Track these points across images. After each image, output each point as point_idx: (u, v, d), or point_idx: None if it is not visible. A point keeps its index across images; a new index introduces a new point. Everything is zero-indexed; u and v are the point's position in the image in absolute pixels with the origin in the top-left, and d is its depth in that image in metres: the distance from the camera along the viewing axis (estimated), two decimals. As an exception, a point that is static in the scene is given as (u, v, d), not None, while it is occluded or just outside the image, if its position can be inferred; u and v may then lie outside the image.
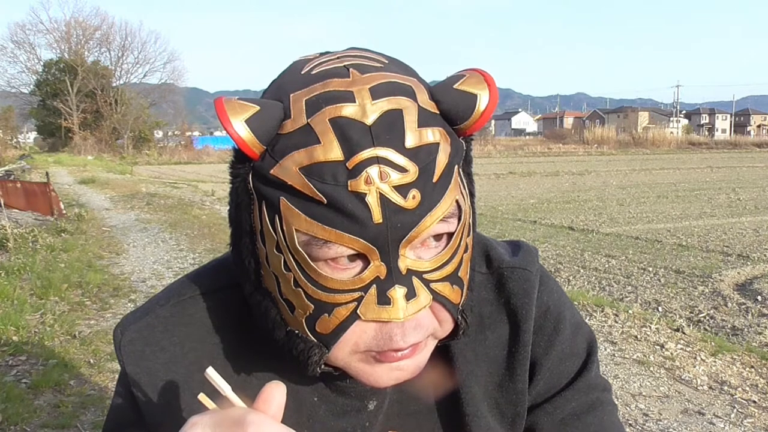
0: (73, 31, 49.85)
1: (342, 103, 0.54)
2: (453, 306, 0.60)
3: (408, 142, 0.54)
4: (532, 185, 17.46)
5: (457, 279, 0.60)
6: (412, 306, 0.57)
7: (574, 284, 5.93)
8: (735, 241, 8.06)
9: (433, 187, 0.55)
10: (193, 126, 52.63)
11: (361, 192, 0.53)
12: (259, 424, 0.49)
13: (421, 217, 0.55)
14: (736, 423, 3.10)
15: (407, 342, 0.57)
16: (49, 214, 9.80)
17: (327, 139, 0.53)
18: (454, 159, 0.58)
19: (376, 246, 0.54)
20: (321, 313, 0.57)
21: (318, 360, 0.59)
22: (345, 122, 0.53)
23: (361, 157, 0.53)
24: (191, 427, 0.50)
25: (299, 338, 0.60)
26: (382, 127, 0.54)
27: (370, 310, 0.56)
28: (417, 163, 0.54)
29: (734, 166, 26.30)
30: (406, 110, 0.55)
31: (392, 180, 0.53)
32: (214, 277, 0.72)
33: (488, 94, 0.58)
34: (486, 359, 0.72)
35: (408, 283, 0.56)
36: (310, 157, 0.53)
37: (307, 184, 0.54)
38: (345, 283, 0.56)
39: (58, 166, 28.28)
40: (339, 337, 0.58)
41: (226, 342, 0.69)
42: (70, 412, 3.18)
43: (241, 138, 0.55)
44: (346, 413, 0.70)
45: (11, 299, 4.97)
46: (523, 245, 0.78)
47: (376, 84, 0.56)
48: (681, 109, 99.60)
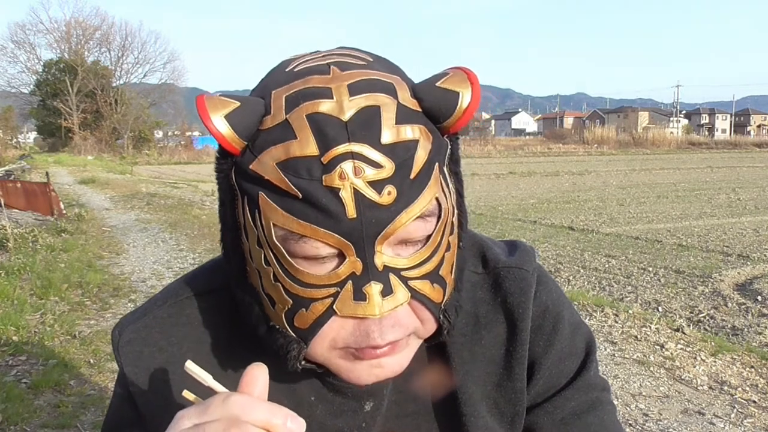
0: (73, 31, 49.93)
1: (319, 99, 0.55)
2: (434, 305, 0.60)
3: (384, 138, 0.54)
4: (532, 185, 17.46)
5: (437, 277, 0.60)
6: (389, 302, 0.57)
7: (574, 284, 5.93)
8: (735, 241, 8.07)
9: (411, 183, 0.55)
10: (193, 126, 52.57)
11: (335, 187, 0.53)
12: (245, 404, 0.49)
13: (396, 214, 0.55)
14: (736, 423, 3.10)
15: (385, 339, 0.58)
16: (49, 214, 9.80)
17: (303, 134, 0.54)
18: (435, 157, 0.58)
19: (351, 241, 0.54)
20: (299, 308, 0.57)
21: (297, 355, 0.60)
22: (321, 118, 0.54)
23: (335, 152, 0.53)
24: (178, 421, 0.50)
25: (279, 333, 0.60)
26: (358, 123, 0.54)
27: (346, 306, 0.56)
28: (393, 159, 0.54)
29: (734, 166, 26.30)
30: (384, 107, 0.55)
31: (366, 175, 0.53)
32: (210, 278, 0.72)
33: (471, 92, 0.58)
34: (483, 359, 0.71)
35: (384, 280, 0.56)
36: (287, 152, 0.54)
37: (283, 178, 0.54)
38: (321, 278, 0.56)
39: (58, 166, 28.30)
40: (316, 332, 0.58)
41: (224, 341, 0.70)
42: (70, 412, 3.18)
43: (221, 134, 0.55)
44: (342, 413, 0.70)
45: (11, 299, 4.97)
46: (519, 245, 0.78)
47: (356, 81, 0.56)
48: (681, 109, 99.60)
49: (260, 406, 0.49)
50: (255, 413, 0.49)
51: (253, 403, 0.49)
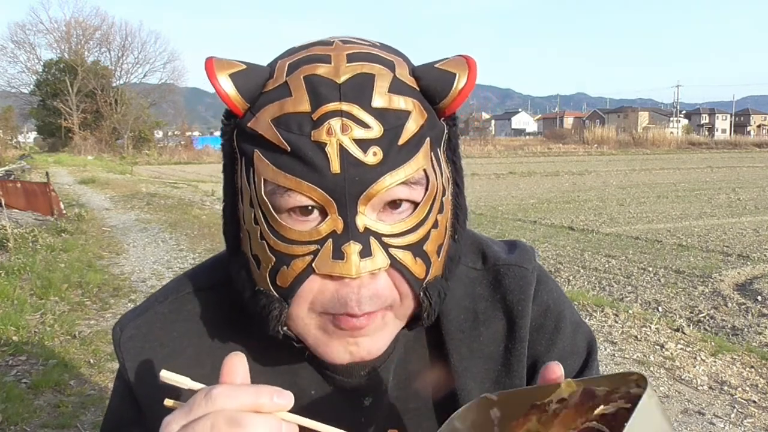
0: (73, 31, 49.91)
1: (318, 63, 0.57)
2: (415, 279, 0.60)
3: (375, 102, 0.56)
4: (532, 185, 17.46)
5: (421, 252, 0.60)
6: (366, 264, 0.57)
7: (574, 284, 5.93)
8: (735, 241, 8.07)
9: (398, 149, 0.57)
10: (193, 126, 52.67)
11: (322, 142, 0.55)
12: (228, 393, 0.49)
13: (380, 175, 0.56)
14: (736, 423, 3.10)
15: (362, 308, 0.58)
16: (49, 214, 9.80)
17: (298, 93, 0.56)
18: (427, 132, 0.59)
19: (334, 198, 0.56)
20: (281, 265, 0.59)
21: (278, 315, 0.60)
22: (317, 79, 0.56)
23: (326, 108, 0.55)
24: (165, 427, 0.50)
25: (262, 294, 0.61)
26: (352, 86, 0.56)
27: (325, 264, 0.57)
28: (383, 123, 0.56)
29: (734, 166, 26.31)
30: (379, 76, 0.57)
31: (354, 134, 0.55)
32: (211, 274, 0.73)
33: (467, 74, 0.59)
34: (481, 356, 0.72)
35: (365, 242, 0.57)
36: (281, 108, 0.56)
37: (275, 133, 0.56)
38: (303, 235, 0.57)
39: (58, 166, 28.29)
40: (296, 290, 0.59)
41: (225, 336, 0.70)
42: (70, 412, 3.18)
43: (226, 93, 0.57)
44: (342, 408, 0.70)
45: (11, 299, 4.97)
46: (519, 244, 0.78)
47: (355, 52, 0.59)
48: (681, 109, 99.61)
49: (244, 390, 0.49)
50: (240, 398, 0.48)
51: (236, 390, 0.49)
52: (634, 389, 0.48)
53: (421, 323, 0.64)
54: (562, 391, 0.54)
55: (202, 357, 0.68)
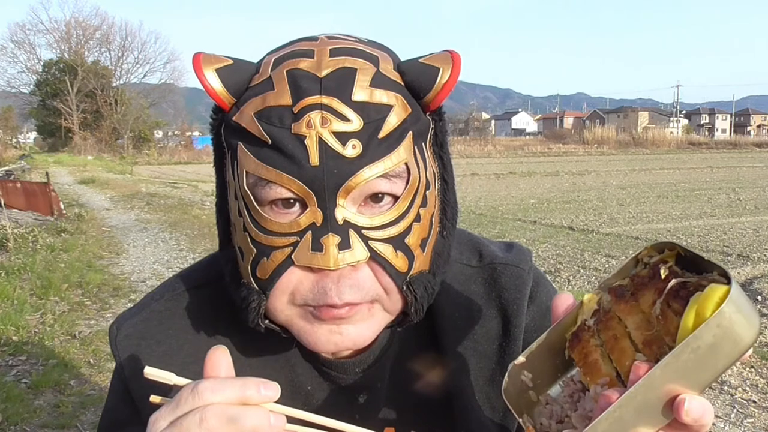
0: (73, 31, 49.94)
1: (301, 58, 0.58)
2: (396, 273, 0.60)
3: (356, 96, 0.57)
4: (532, 185, 17.46)
5: (402, 245, 0.60)
6: (345, 257, 0.57)
7: (574, 284, 5.93)
8: (735, 241, 8.06)
9: (378, 143, 0.57)
10: (193, 126, 52.67)
11: (302, 134, 0.56)
12: (214, 387, 0.49)
13: (359, 168, 0.56)
14: (736, 423, 3.10)
15: (342, 299, 0.58)
16: (49, 214, 9.80)
17: (281, 86, 0.57)
18: (410, 126, 0.60)
19: (313, 190, 0.56)
20: (261, 257, 0.59)
21: (257, 307, 0.61)
22: (299, 73, 0.57)
23: (306, 102, 0.56)
24: (153, 424, 0.50)
25: (243, 286, 0.62)
26: (333, 80, 0.57)
27: (304, 256, 0.58)
28: (363, 117, 0.57)
29: (734, 166, 26.30)
30: (362, 70, 0.58)
31: (333, 127, 0.56)
32: (206, 272, 0.73)
33: (451, 68, 0.60)
34: (475, 354, 0.72)
35: (344, 234, 0.57)
36: (264, 102, 0.57)
37: (257, 126, 0.57)
38: (283, 227, 0.58)
39: (58, 166, 28.30)
40: (275, 282, 0.59)
41: (221, 333, 0.70)
42: (70, 412, 3.18)
43: (212, 87, 0.58)
44: (337, 405, 0.70)
45: (11, 299, 4.97)
46: (516, 245, 0.79)
47: (339, 47, 0.60)
48: (681, 109, 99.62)
49: (230, 383, 0.49)
50: (226, 392, 0.49)
51: (222, 383, 0.49)
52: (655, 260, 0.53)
53: (410, 319, 0.64)
54: (585, 307, 0.54)
55: (198, 354, 0.69)
